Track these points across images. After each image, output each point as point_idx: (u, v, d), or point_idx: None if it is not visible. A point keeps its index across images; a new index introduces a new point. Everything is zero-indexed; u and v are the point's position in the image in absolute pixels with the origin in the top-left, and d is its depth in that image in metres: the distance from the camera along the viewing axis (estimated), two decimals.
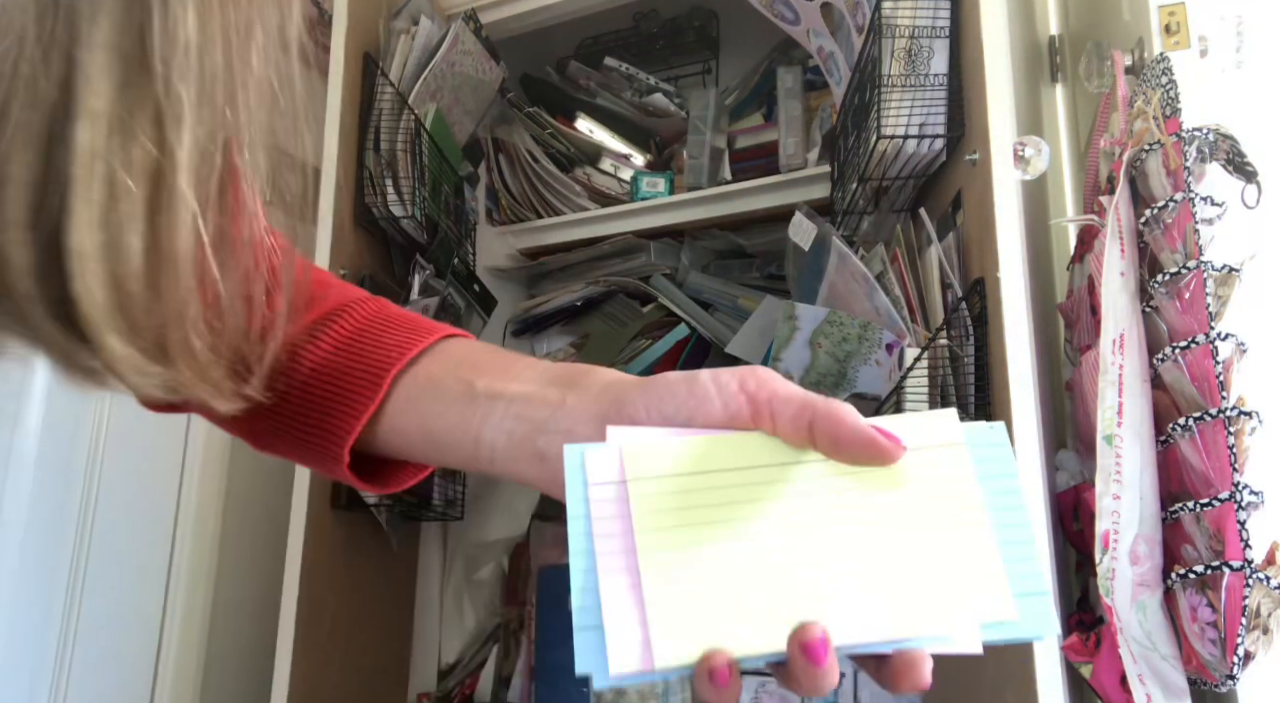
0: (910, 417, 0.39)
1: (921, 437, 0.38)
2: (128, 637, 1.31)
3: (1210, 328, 0.85)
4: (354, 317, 0.52)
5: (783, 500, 0.37)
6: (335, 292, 0.54)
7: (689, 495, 0.37)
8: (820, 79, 1.57)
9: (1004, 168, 0.94)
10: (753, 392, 0.39)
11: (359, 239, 1.40)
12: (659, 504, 0.36)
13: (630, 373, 1.61)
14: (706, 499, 0.37)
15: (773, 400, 0.38)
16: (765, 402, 0.38)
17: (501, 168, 1.78)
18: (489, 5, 1.58)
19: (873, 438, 0.37)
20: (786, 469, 0.38)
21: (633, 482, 0.37)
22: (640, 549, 0.35)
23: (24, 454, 1.20)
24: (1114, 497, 0.84)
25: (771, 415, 0.38)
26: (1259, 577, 0.78)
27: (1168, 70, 0.96)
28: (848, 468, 0.38)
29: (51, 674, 1.21)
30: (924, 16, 1.08)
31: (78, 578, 1.24)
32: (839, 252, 1.17)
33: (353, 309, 0.52)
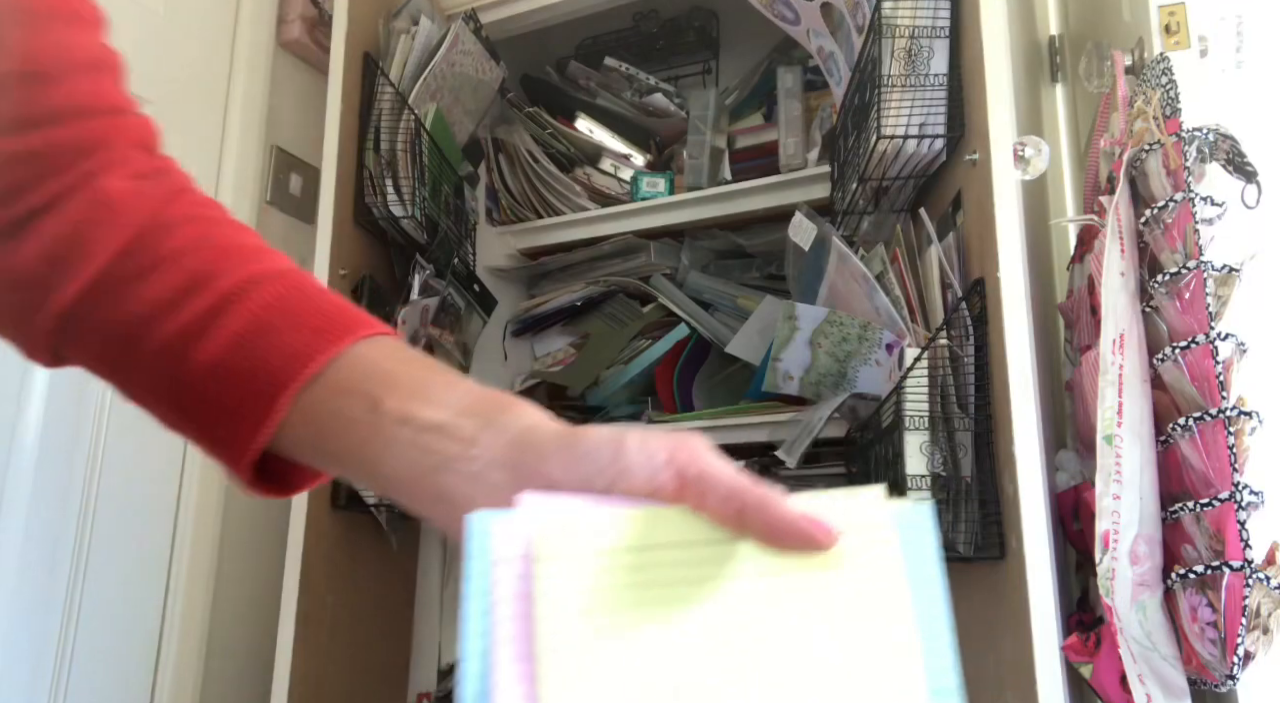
0: (839, 496, 0.37)
1: (850, 517, 0.36)
2: (128, 637, 1.31)
3: (1210, 328, 0.85)
4: (254, 302, 0.45)
5: (703, 592, 0.34)
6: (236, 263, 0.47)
7: (602, 580, 0.34)
8: (820, 79, 1.56)
9: (1004, 168, 0.94)
10: (682, 466, 0.36)
11: (359, 239, 1.40)
12: (568, 590, 0.33)
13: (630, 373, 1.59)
14: (621, 586, 0.34)
15: (702, 478, 0.36)
16: (694, 479, 0.36)
17: (501, 168, 1.78)
18: (489, 5, 1.58)
19: (806, 530, 0.35)
20: (708, 554, 0.35)
21: (541, 561, 0.33)
22: (540, 646, 0.32)
23: (24, 454, 1.20)
24: (1114, 497, 0.84)
25: (699, 494, 0.36)
26: (1259, 577, 0.78)
27: (1168, 70, 0.96)
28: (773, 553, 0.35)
29: (51, 674, 1.21)
30: (924, 16, 1.08)
31: (78, 577, 1.24)
32: (839, 252, 1.17)
33: (252, 294, 0.46)
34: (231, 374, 0.44)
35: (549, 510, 0.35)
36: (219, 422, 0.45)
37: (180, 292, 0.46)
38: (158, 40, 1.41)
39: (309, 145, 1.61)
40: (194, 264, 0.46)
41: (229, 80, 1.53)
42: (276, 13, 1.61)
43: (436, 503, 0.40)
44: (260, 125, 1.55)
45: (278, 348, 0.44)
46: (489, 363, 1.74)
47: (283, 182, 1.59)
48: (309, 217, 1.58)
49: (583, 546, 0.34)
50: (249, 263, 0.47)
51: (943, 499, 0.97)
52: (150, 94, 1.39)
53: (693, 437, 0.38)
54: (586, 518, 0.35)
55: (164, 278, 0.46)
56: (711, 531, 0.36)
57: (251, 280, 0.46)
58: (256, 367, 0.44)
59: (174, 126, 1.47)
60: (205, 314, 0.45)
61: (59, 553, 1.23)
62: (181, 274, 0.46)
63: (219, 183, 1.49)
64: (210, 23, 1.51)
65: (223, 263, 0.47)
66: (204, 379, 0.45)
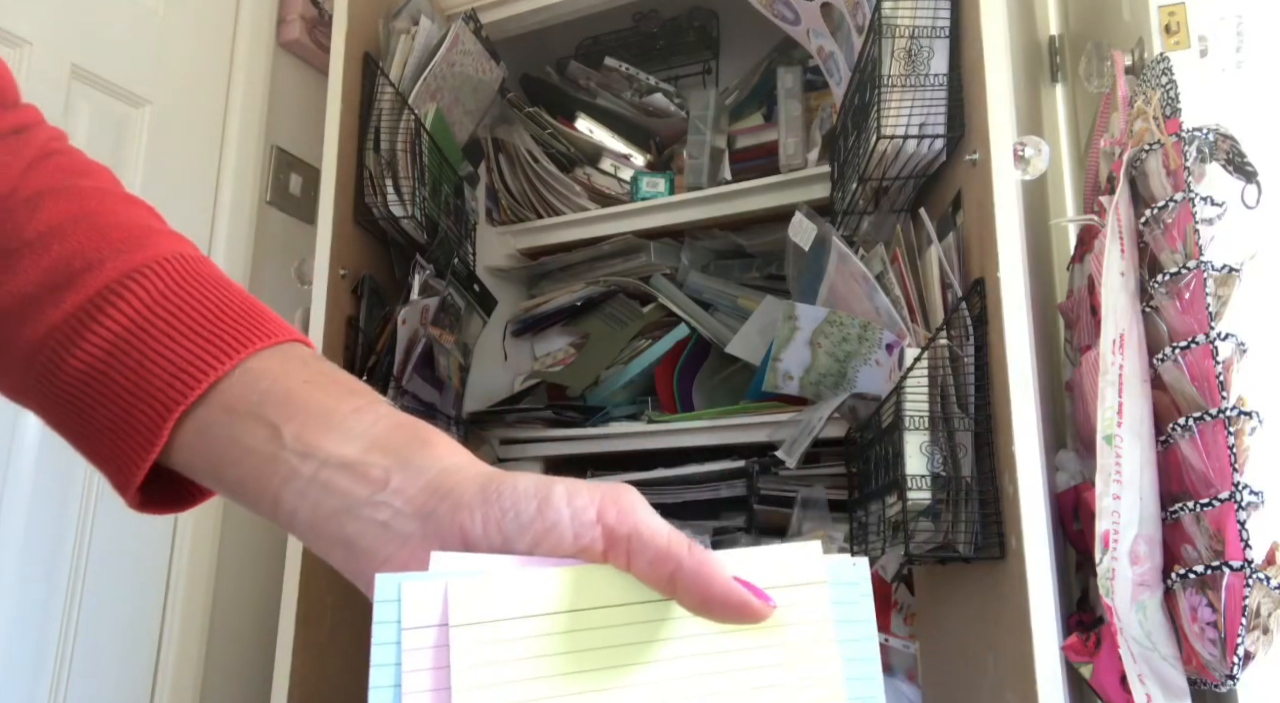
0: (773, 552, 0.35)
1: (784, 574, 0.34)
2: (128, 637, 1.31)
3: (1210, 328, 0.85)
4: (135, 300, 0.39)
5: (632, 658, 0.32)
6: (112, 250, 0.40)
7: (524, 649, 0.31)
8: (820, 79, 1.56)
9: (1004, 168, 0.94)
10: (611, 524, 0.33)
11: (359, 239, 1.40)
12: (486, 661, 0.31)
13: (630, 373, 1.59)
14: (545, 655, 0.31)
15: (632, 538, 0.33)
16: (624, 538, 0.33)
17: (501, 168, 1.78)
18: (489, 5, 1.58)
19: (741, 601, 0.32)
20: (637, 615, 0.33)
21: (457, 629, 0.31)
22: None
23: (24, 454, 1.20)
24: (1114, 497, 0.84)
25: (628, 554, 0.33)
26: (1259, 577, 0.78)
27: (1168, 70, 0.96)
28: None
29: (51, 674, 1.21)
30: (924, 16, 1.08)
31: (78, 578, 1.24)
32: (839, 252, 1.17)
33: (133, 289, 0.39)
34: (109, 388, 0.39)
35: (465, 571, 0.32)
36: (98, 438, 0.40)
37: (48, 285, 0.39)
38: (158, 40, 1.41)
39: (309, 145, 1.61)
40: (64, 249, 0.40)
41: (229, 80, 1.53)
42: (276, 13, 1.61)
43: (338, 548, 0.36)
44: (260, 125, 1.55)
45: (162, 358, 0.38)
46: (489, 363, 1.74)
47: (283, 182, 1.59)
48: (309, 217, 1.58)
49: (503, 611, 0.31)
50: (131, 249, 0.41)
51: (942, 499, 0.97)
52: (150, 94, 1.40)
53: (625, 490, 0.35)
54: (507, 580, 0.32)
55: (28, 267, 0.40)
56: (640, 591, 0.33)
57: (133, 272, 0.40)
58: (138, 381, 0.38)
59: (174, 127, 1.48)
60: (78, 313, 0.39)
61: (59, 554, 1.23)
62: (49, 261, 0.40)
63: (219, 183, 1.49)
64: (210, 23, 1.51)
65: (100, 248, 0.40)
66: (79, 390, 0.39)
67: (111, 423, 0.39)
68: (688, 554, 0.33)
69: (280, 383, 0.39)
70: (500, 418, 1.64)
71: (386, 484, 0.35)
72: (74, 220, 0.41)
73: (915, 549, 0.96)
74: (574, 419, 1.61)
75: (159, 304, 0.39)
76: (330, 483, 0.36)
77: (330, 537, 0.36)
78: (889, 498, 1.03)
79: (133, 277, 0.40)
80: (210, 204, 1.47)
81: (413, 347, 1.33)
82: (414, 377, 1.34)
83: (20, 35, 1.22)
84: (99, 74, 1.32)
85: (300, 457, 0.37)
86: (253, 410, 0.38)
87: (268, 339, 0.40)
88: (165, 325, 0.39)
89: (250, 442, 0.38)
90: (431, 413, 1.40)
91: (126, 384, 0.38)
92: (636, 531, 0.33)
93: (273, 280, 1.56)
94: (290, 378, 0.39)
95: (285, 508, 0.37)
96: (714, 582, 0.32)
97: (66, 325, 0.39)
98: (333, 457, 0.36)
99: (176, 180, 1.42)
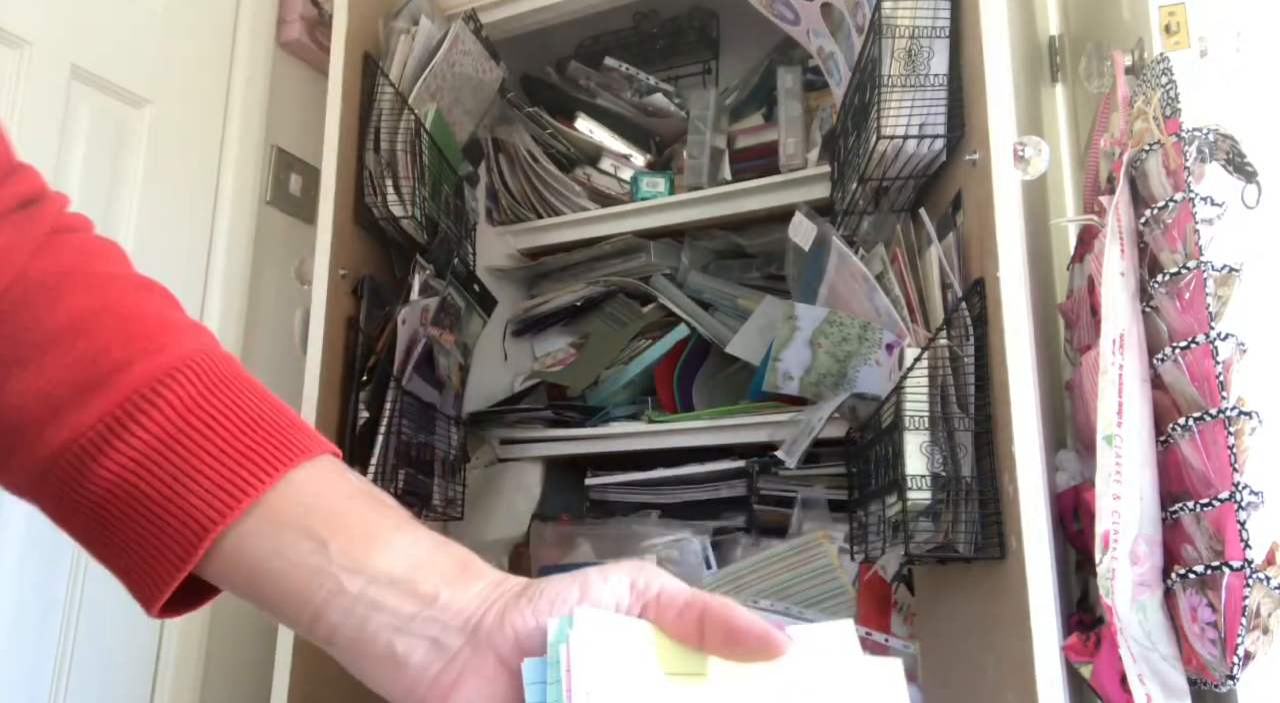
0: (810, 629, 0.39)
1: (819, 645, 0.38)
2: (128, 637, 1.31)
3: (1210, 328, 0.85)
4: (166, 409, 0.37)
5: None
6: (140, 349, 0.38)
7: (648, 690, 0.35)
8: (820, 79, 1.56)
9: (1004, 168, 0.94)
10: (642, 589, 0.36)
11: (359, 239, 1.40)
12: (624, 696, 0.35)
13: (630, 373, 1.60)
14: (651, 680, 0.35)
15: (661, 596, 0.36)
16: (654, 598, 0.36)
17: (501, 168, 1.78)
18: (489, 5, 1.58)
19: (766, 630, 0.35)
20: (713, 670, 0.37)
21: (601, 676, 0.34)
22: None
23: None
24: (1114, 497, 0.84)
25: (661, 609, 0.36)
26: (1259, 577, 0.78)
27: (1168, 70, 0.96)
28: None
29: (51, 675, 1.21)
30: (924, 16, 1.08)
31: (78, 578, 1.24)
32: (839, 252, 1.17)
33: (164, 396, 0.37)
34: (139, 502, 0.37)
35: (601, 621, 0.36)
36: (124, 551, 0.38)
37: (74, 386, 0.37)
38: (158, 40, 1.41)
39: (309, 145, 1.61)
40: (90, 347, 0.38)
41: (229, 80, 1.53)
42: (276, 13, 1.61)
43: (387, 667, 0.36)
44: (260, 125, 1.55)
45: (199, 474, 0.37)
46: (489, 363, 1.74)
47: (283, 182, 1.59)
48: (309, 217, 1.58)
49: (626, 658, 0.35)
50: (158, 348, 0.39)
51: (942, 499, 0.97)
52: (150, 94, 1.40)
53: (648, 564, 0.38)
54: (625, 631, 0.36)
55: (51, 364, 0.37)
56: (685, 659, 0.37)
57: (164, 376, 0.38)
58: (172, 496, 0.37)
59: (174, 127, 1.48)
60: (107, 419, 0.37)
61: (59, 553, 1.23)
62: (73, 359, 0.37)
63: (219, 183, 1.49)
64: (210, 23, 1.51)
65: (126, 345, 0.38)
66: (105, 499, 0.37)
67: (140, 537, 0.37)
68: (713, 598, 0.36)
69: (323, 499, 0.38)
70: (500, 418, 1.64)
71: (436, 600, 0.36)
72: (95, 313, 0.39)
73: (915, 549, 0.96)
74: (574, 419, 1.61)
75: (192, 414, 0.38)
76: (379, 600, 0.36)
77: (378, 655, 0.36)
78: (889, 498, 1.03)
79: (164, 381, 0.38)
80: (210, 204, 1.47)
81: (413, 347, 1.33)
82: (414, 377, 1.34)
83: (20, 35, 1.22)
84: (99, 74, 1.32)
85: (348, 572, 0.36)
86: (297, 523, 0.37)
87: (306, 453, 0.39)
88: (200, 437, 0.38)
89: (294, 555, 0.37)
90: (431, 413, 1.40)
91: (160, 498, 0.37)
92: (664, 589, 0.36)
93: (273, 280, 1.56)
94: (332, 493, 0.39)
95: (327, 623, 0.37)
96: (738, 615, 0.35)
97: (94, 431, 0.37)
98: (381, 573, 0.36)
99: (176, 180, 1.42)
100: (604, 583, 0.36)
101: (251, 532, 0.37)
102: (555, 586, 0.36)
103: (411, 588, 0.36)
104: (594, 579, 0.36)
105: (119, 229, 1.33)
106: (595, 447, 1.59)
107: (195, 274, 1.44)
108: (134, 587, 0.39)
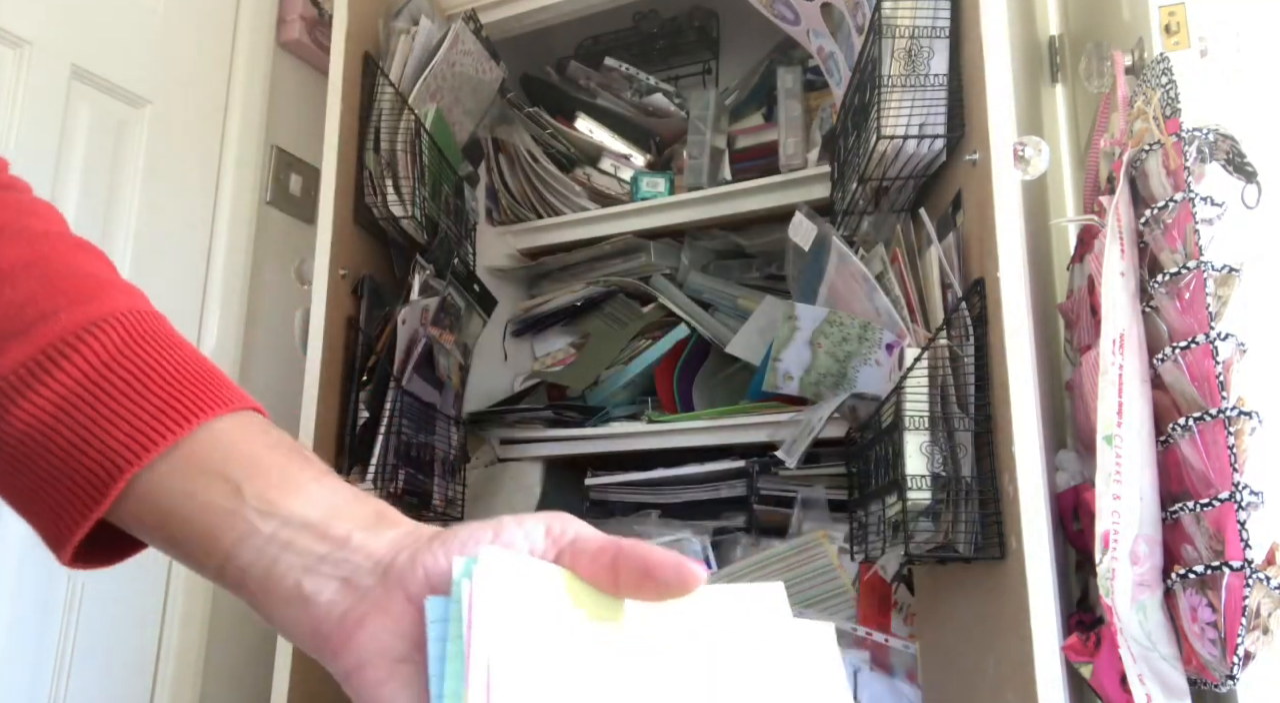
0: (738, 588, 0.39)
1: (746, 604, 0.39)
2: (128, 637, 1.31)
3: (1210, 328, 0.85)
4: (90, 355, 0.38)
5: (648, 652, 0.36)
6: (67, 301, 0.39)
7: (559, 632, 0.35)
8: (820, 79, 1.56)
9: (1004, 168, 0.94)
10: (557, 536, 0.37)
11: (359, 239, 1.40)
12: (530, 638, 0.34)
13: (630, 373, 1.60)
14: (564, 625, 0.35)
15: (576, 542, 0.36)
16: (569, 544, 0.36)
17: (501, 168, 1.78)
18: (489, 5, 1.58)
19: (679, 560, 0.35)
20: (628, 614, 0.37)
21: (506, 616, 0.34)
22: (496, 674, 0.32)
23: None
24: (1114, 497, 0.84)
25: (575, 555, 0.36)
26: (1259, 577, 0.78)
27: (1168, 70, 0.96)
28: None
29: (51, 674, 1.21)
30: (924, 16, 1.08)
31: (78, 578, 1.24)
32: (839, 252, 1.17)
33: (89, 343, 0.38)
34: (56, 443, 0.37)
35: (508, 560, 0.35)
36: (39, 491, 0.38)
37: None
38: (158, 40, 1.41)
39: (309, 145, 1.61)
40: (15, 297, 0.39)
41: (229, 80, 1.53)
42: (276, 13, 1.61)
43: (293, 606, 0.36)
44: (260, 125, 1.55)
45: (118, 418, 0.37)
46: (489, 363, 1.74)
47: (283, 181, 1.59)
48: (309, 217, 1.58)
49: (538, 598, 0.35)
50: (85, 301, 0.40)
51: (942, 499, 0.97)
52: (150, 94, 1.40)
53: (567, 514, 0.38)
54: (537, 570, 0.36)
55: None
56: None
57: (88, 326, 0.39)
58: (88, 439, 0.37)
59: (174, 127, 1.48)
60: (28, 364, 0.38)
61: None
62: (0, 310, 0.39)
63: (219, 183, 1.49)
64: (210, 23, 1.51)
65: (53, 298, 0.39)
66: (21, 443, 0.38)
67: (54, 480, 0.38)
68: (626, 540, 0.36)
69: (242, 447, 0.38)
70: (500, 418, 1.64)
71: (348, 542, 0.36)
72: (25, 266, 0.40)
73: (915, 549, 0.96)
74: (574, 419, 1.61)
75: (116, 361, 0.38)
76: (291, 541, 0.36)
77: (285, 594, 0.36)
78: (889, 498, 1.03)
79: (89, 330, 0.39)
80: (210, 204, 1.47)
81: (413, 347, 1.33)
82: (414, 377, 1.34)
83: (20, 35, 1.22)
84: (99, 74, 1.32)
85: (261, 514, 0.37)
86: (213, 469, 0.38)
87: (229, 406, 0.39)
88: (123, 383, 0.38)
89: (207, 498, 0.37)
90: (431, 413, 1.40)
91: (77, 440, 0.37)
92: (579, 535, 0.36)
93: (273, 280, 1.56)
94: (252, 443, 0.39)
95: (237, 564, 0.37)
96: (652, 550, 0.35)
97: (15, 376, 0.38)
98: (295, 516, 0.37)
99: (176, 180, 1.42)
100: (519, 527, 0.36)
101: (166, 474, 0.38)
102: (469, 529, 0.36)
103: (324, 531, 0.36)
104: (509, 524, 0.36)
105: (119, 229, 1.33)
106: (595, 447, 1.59)
107: (195, 274, 1.44)
108: (46, 530, 0.39)
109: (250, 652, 1.43)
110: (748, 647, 0.38)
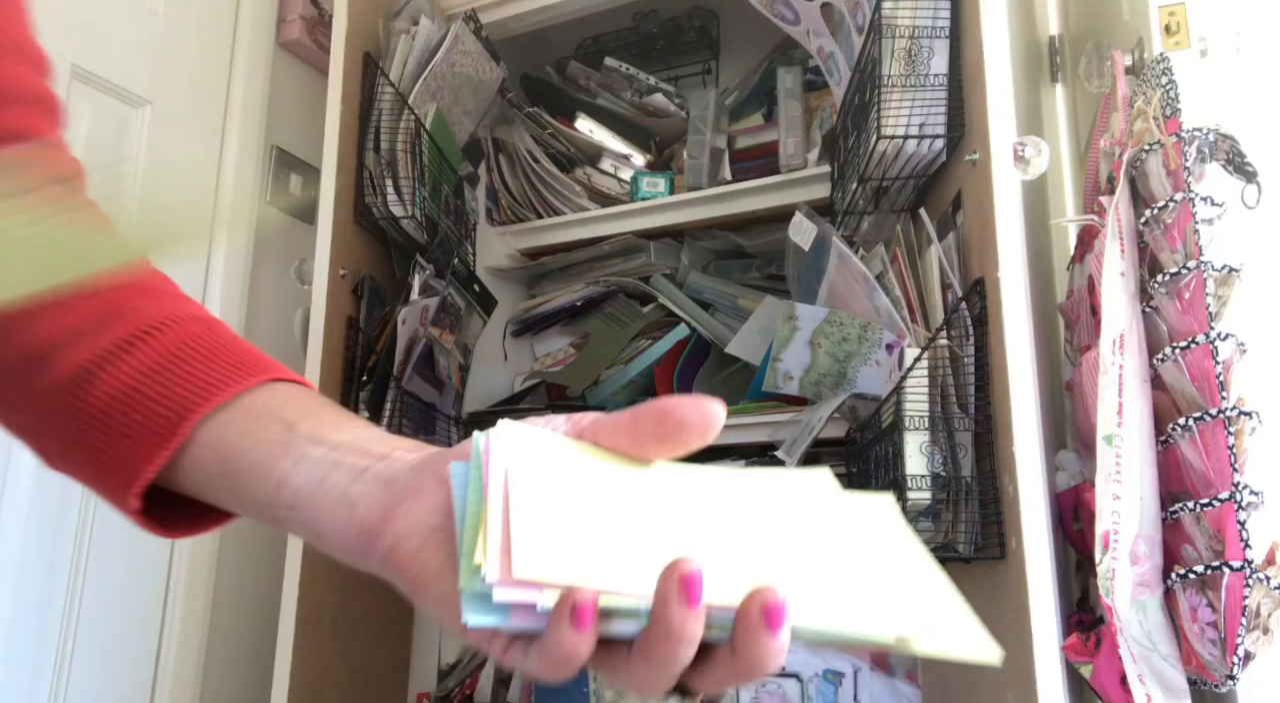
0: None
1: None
2: (128, 637, 1.31)
3: (1210, 328, 0.85)
4: (169, 339, 0.45)
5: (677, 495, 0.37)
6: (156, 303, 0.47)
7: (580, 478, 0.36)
8: (820, 79, 1.56)
9: (1004, 168, 0.94)
10: (576, 420, 0.40)
11: (359, 239, 1.40)
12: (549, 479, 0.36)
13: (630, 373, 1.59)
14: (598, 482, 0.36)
15: (597, 421, 0.39)
16: (589, 426, 0.39)
17: (501, 168, 1.78)
18: (489, 5, 1.58)
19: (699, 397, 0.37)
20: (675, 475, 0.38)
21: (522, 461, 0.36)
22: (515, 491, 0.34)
23: (24, 453, 1.20)
24: (1114, 497, 0.84)
25: (596, 430, 0.39)
26: (1259, 577, 0.78)
27: (1168, 70, 0.96)
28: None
29: (51, 674, 1.21)
30: (924, 16, 1.08)
31: (78, 578, 1.24)
32: (839, 252, 1.17)
33: (169, 329, 0.45)
34: (135, 400, 0.43)
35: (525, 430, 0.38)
36: (112, 446, 0.44)
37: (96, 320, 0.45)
38: (158, 40, 1.41)
39: (309, 145, 1.61)
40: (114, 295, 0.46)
41: (229, 80, 1.53)
42: (276, 13, 1.61)
43: (343, 510, 0.39)
44: (260, 125, 1.55)
45: (189, 377, 0.44)
46: (489, 363, 1.74)
47: (283, 182, 1.59)
48: (309, 217, 1.58)
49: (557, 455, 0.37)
50: (168, 304, 0.47)
51: (942, 499, 0.97)
52: (150, 94, 1.40)
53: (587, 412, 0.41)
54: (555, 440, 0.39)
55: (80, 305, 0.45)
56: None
57: (170, 319, 0.46)
58: (163, 393, 0.43)
59: (174, 127, 1.48)
60: (119, 341, 0.44)
61: (59, 553, 1.23)
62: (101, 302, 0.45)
63: (219, 183, 1.49)
64: (210, 23, 1.51)
65: (144, 296, 0.47)
66: (106, 407, 0.44)
67: (129, 428, 0.43)
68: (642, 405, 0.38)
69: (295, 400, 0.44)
70: (500, 418, 1.63)
71: (389, 456, 0.40)
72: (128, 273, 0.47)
73: None
74: None
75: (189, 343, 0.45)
76: (339, 460, 0.40)
77: (334, 501, 0.39)
78: None
79: (177, 320, 0.46)
80: (210, 204, 1.47)
81: (413, 347, 1.33)
82: (414, 377, 1.34)
83: None
84: (99, 74, 1.32)
85: (312, 442, 0.41)
86: (271, 412, 0.43)
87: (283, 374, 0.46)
88: (195, 356, 0.45)
89: (263, 434, 0.42)
90: (431, 413, 1.40)
91: (154, 395, 0.43)
92: (599, 418, 0.39)
93: (273, 280, 1.56)
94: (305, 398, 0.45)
95: (290, 487, 0.40)
96: (669, 397, 0.37)
97: (106, 350, 0.44)
98: (341, 442, 0.41)
99: (176, 180, 1.42)
100: (547, 423, 0.39)
101: (227, 420, 0.43)
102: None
103: (368, 449, 0.40)
104: (533, 418, 0.40)
105: None
106: None
107: (195, 274, 1.44)
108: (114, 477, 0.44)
109: (250, 652, 1.43)
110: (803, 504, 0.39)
